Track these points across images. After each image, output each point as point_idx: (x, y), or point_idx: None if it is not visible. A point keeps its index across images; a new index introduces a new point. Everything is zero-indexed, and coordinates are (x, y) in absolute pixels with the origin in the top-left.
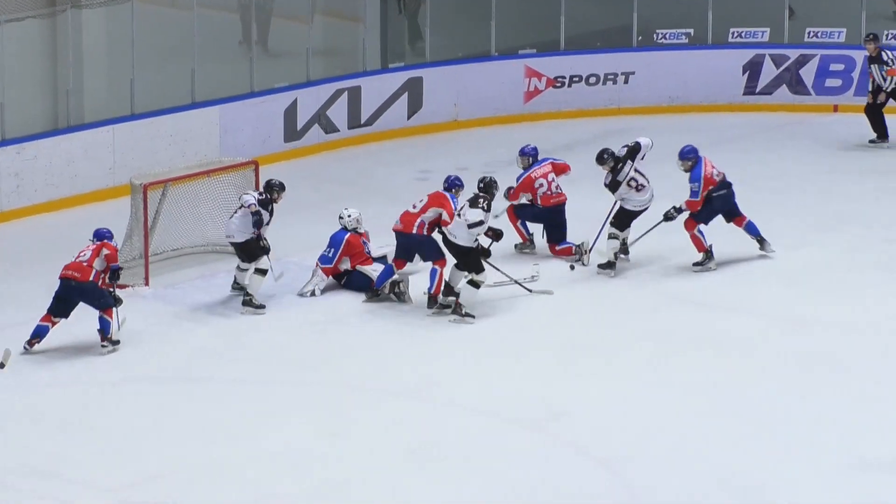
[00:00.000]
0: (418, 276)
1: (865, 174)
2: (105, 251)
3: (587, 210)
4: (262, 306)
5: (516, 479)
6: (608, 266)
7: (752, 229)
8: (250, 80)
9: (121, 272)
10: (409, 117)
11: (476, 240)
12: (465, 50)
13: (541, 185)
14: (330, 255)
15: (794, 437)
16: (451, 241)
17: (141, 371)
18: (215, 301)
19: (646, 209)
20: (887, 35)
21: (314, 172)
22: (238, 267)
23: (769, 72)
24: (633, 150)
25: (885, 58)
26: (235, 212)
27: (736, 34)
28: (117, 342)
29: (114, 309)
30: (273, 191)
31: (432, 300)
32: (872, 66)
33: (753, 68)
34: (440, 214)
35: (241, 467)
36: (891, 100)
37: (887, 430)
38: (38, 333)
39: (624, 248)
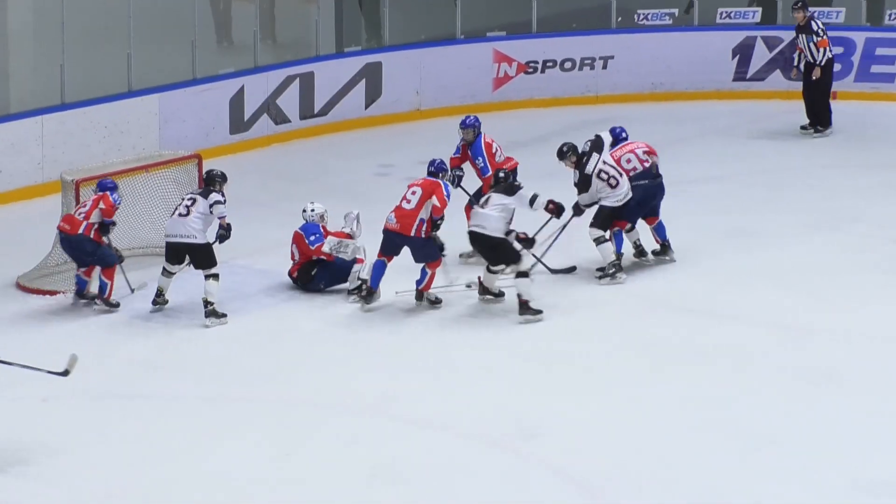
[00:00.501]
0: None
1: (869, 168)
2: (102, 205)
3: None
4: (225, 315)
5: None
6: (614, 270)
7: (660, 231)
8: (192, 66)
9: (112, 227)
10: (367, 106)
11: (511, 229)
12: (428, 32)
13: (496, 150)
14: (316, 236)
15: (788, 456)
16: (479, 234)
17: (72, 386)
18: (155, 309)
19: (628, 202)
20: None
21: (263, 167)
22: (165, 272)
23: (761, 55)
24: (597, 144)
25: (814, 27)
26: (187, 210)
27: (725, 14)
28: (116, 304)
29: (119, 267)
30: (216, 182)
31: (420, 294)
32: (800, 36)
33: (744, 52)
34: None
35: (184, 491)
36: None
37: (890, 450)
38: (79, 283)
39: (640, 250)
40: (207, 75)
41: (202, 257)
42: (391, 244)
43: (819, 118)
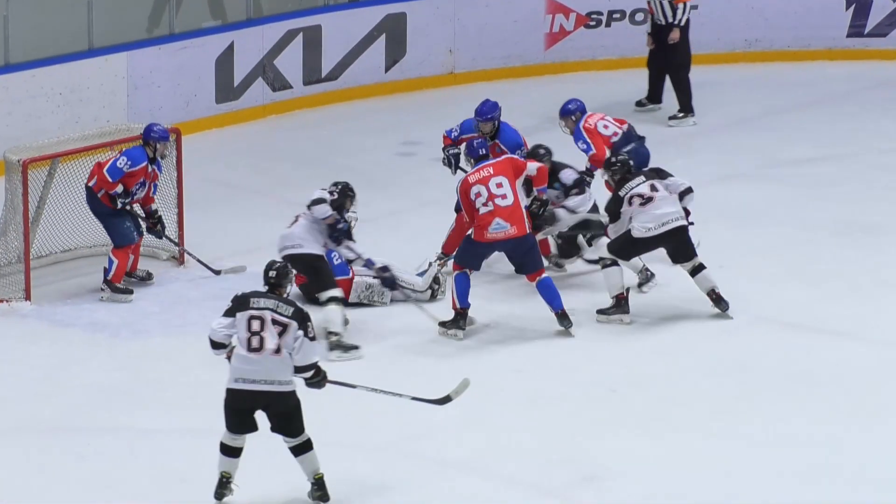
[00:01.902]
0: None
1: None
2: (107, 165)
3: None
4: (356, 347)
5: None
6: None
7: None
8: (169, 18)
9: (124, 202)
10: (387, 69)
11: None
12: None
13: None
14: (340, 262)
15: None
16: (679, 228)
17: (19, 418)
18: (123, 321)
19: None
20: None
21: (257, 145)
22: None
23: (883, 5)
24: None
25: None
26: (296, 219)
27: None
28: (128, 291)
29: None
30: (347, 198)
31: (564, 317)
32: None
33: (861, 0)
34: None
35: None
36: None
37: None
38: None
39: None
40: (188, 29)
41: (310, 272)
42: (483, 257)
43: (679, 99)
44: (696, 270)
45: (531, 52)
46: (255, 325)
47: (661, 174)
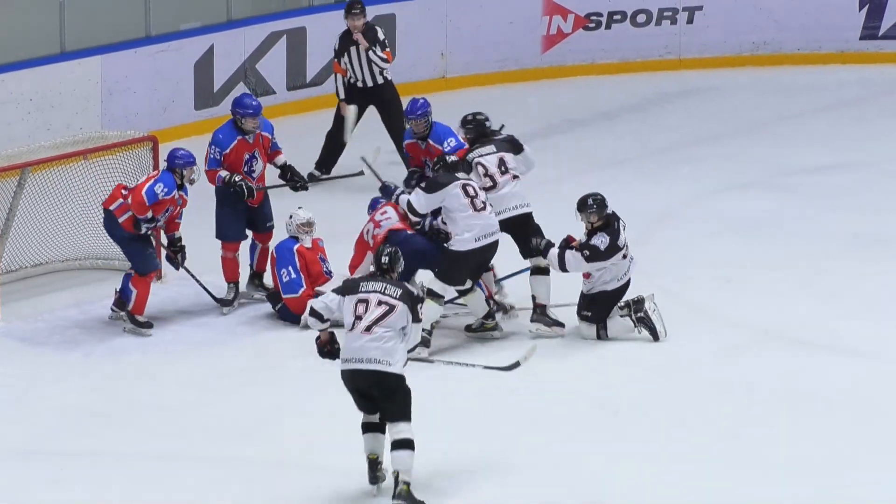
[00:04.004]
0: None
1: None
2: (145, 187)
3: (638, 206)
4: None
5: None
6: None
7: None
8: (146, 20)
9: (147, 228)
10: None
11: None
12: None
13: None
14: (291, 276)
15: None
16: (523, 215)
17: None
18: (97, 340)
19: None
20: None
21: None
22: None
23: None
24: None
25: (381, 35)
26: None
27: None
28: (148, 325)
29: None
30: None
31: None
32: (351, 50)
33: (875, 1)
34: None
35: None
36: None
37: None
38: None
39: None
40: (165, 32)
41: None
42: None
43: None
44: (537, 272)
45: (527, 56)
46: (361, 308)
47: (515, 146)
